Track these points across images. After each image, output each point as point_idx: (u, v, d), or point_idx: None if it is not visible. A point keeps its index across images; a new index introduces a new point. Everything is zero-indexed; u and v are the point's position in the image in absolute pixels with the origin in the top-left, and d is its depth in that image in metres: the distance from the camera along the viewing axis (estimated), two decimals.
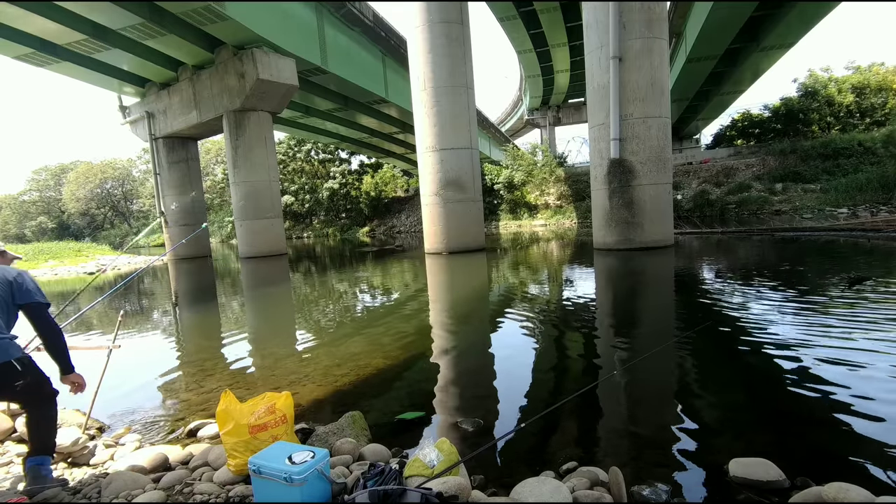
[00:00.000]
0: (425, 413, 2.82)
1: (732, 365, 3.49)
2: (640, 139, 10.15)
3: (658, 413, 2.75)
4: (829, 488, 1.67)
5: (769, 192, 23.01)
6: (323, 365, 3.97)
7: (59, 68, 16.29)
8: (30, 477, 2.10)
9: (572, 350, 4.08)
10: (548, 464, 2.16)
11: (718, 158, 28.53)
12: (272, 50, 15.58)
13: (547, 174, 29.12)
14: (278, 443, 1.99)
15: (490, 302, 6.74)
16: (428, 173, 13.02)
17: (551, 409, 2.53)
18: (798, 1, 18.21)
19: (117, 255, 21.98)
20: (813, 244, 10.28)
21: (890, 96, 29.29)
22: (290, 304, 8.00)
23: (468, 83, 12.93)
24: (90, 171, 51.08)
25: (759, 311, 4.80)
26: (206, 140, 29.49)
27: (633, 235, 10.37)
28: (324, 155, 41.11)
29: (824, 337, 3.76)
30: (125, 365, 4.31)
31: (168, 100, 18.19)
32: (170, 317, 7.32)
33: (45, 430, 2.22)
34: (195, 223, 19.48)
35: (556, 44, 29.47)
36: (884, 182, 19.20)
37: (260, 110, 16.65)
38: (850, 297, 5.02)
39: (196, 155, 20.64)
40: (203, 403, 3.26)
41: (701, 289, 6.54)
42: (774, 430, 2.41)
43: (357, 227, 36.94)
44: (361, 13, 18.54)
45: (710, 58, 22.98)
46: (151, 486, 2.07)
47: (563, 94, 43.12)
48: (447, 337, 4.85)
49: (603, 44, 10.17)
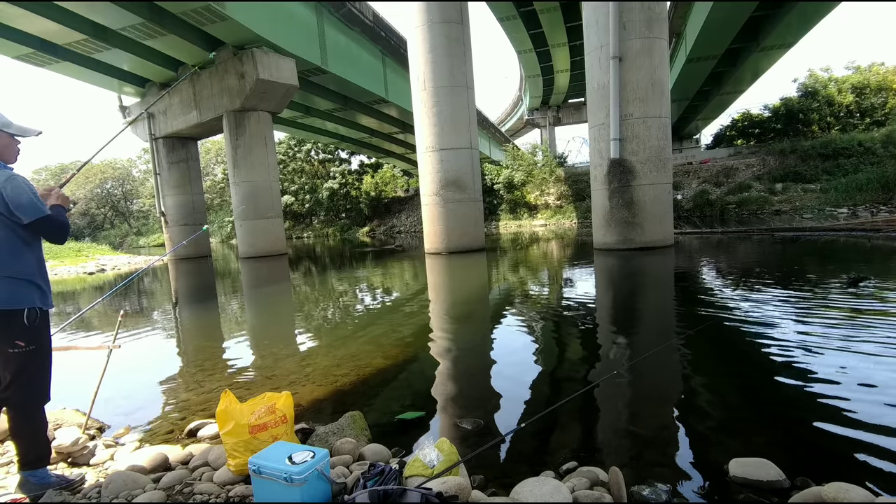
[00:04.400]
0: (425, 413, 2.82)
1: (732, 365, 3.49)
2: (640, 139, 10.15)
3: (658, 413, 2.75)
4: (829, 488, 1.67)
5: (769, 192, 23.01)
6: (323, 365, 3.97)
7: (59, 68, 16.29)
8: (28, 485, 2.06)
9: (572, 350, 4.08)
10: (548, 464, 2.16)
11: (718, 158, 28.54)
12: (272, 50, 15.58)
13: (547, 174, 29.13)
14: (278, 443, 1.98)
15: (490, 302, 6.74)
16: (428, 173, 13.02)
17: (551, 409, 2.53)
18: (798, 1, 18.22)
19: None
20: (813, 244, 10.27)
21: (890, 96, 29.29)
22: (291, 304, 8.00)
23: (468, 83, 12.92)
24: (90, 171, 50.98)
25: (760, 311, 4.80)
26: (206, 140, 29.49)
27: (633, 235, 10.36)
28: (324, 155, 41.13)
29: (824, 337, 3.76)
30: (125, 365, 4.31)
31: (168, 100, 18.18)
32: (170, 317, 7.32)
33: (32, 438, 2.05)
34: (195, 223, 19.48)
35: (556, 44, 29.49)
36: (884, 182, 19.19)
37: (260, 110, 16.65)
38: (851, 297, 5.02)
39: (196, 155, 20.64)
40: (203, 403, 3.25)
41: (701, 289, 6.54)
42: (774, 430, 2.41)
43: (357, 227, 36.95)
44: (361, 13, 18.54)
45: (710, 58, 23.00)
46: (151, 486, 2.07)
47: (563, 94, 43.15)
48: (447, 337, 4.85)
49: (603, 44, 10.17)
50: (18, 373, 1.97)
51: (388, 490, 1.65)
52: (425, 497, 1.61)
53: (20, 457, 2.08)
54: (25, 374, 1.99)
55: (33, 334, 1.99)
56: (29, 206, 1.94)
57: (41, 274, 2.06)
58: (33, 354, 1.99)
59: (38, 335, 2.01)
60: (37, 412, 2.08)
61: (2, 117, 2.05)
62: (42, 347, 2.04)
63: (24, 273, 1.99)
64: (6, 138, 2.06)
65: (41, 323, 2.02)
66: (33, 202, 1.95)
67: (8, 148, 2.07)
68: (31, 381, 2.01)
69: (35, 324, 1.98)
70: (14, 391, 1.99)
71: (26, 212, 1.93)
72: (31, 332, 1.98)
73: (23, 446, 2.07)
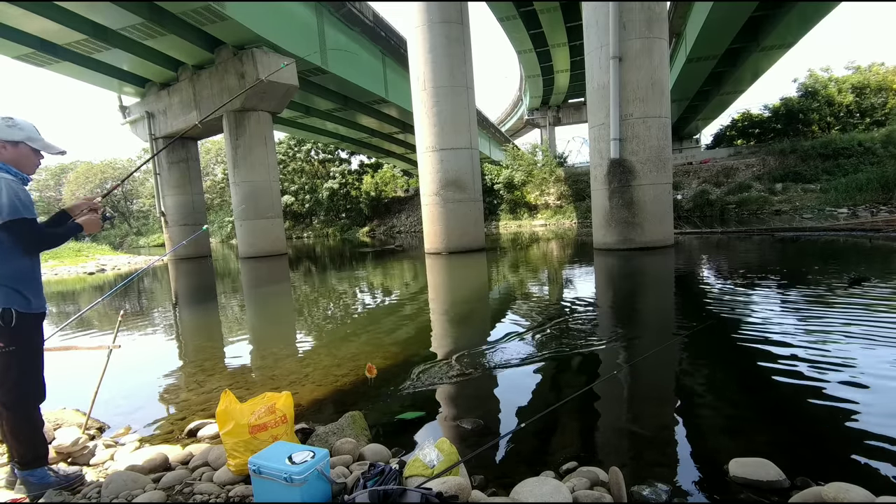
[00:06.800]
0: (425, 413, 2.82)
1: (732, 365, 3.49)
2: (640, 139, 10.15)
3: (658, 413, 2.75)
4: (829, 488, 1.67)
5: (769, 192, 23.01)
6: (323, 365, 3.97)
7: (59, 68, 16.29)
8: (28, 484, 2.06)
9: (572, 350, 4.08)
10: (548, 464, 2.16)
11: (718, 158, 28.53)
12: (272, 50, 15.58)
13: (547, 174, 29.13)
14: (278, 443, 1.98)
15: (490, 302, 6.74)
16: (428, 173, 13.02)
17: (551, 409, 2.52)
18: (798, 1, 18.22)
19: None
20: (813, 244, 10.27)
21: (890, 96, 29.30)
22: (291, 304, 8.00)
23: (468, 83, 12.93)
24: (90, 171, 51.02)
25: (760, 311, 4.80)
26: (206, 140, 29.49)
27: (633, 235, 10.36)
28: (324, 155, 41.13)
29: (824, 337, 3.76)
30: (125, 365, 4.31)
31: (168, 100, 18.19)
32: (170, 317, 7.32)
33: (28, 438, 2.05)
34: (195, 223, 19.48)
35: (556, 44, 29.49)
36: (884, 182, 19.19)
37: (260, 110, 16.66)
38: (851, 296, 5.02)
39: (196, 155, 20.65)
40: (203, 403, 3.25)
41: (701, 289, 6.54)
42: (774, 430, 2.41)
43: (357, 227, 36.95)
44: (361, 13, 18.54)
45: (710, 58, 23.00)
46: (151, 486, 2.07)
47: (563, 94, 43.16)
48: (447, 337, 4.84)
49: (603, 44, 10.17)
50: (4, 373, 1.99)
51: (388, 490, 1.65)
52: (425, 497, 1.61)
53: (18, 457, 2.08)
54: (10, 375, 1.99)
55: (12, 336, 1.97)
56: (7, 206, 1.90)
57: (22, 279, 2.01)
58: (12, 356, 1.98)
59: (18, 337, 1.99)
60: (30, 412, 2.08)
61: (31, 130, 2.08)
62: (24, 349, 2.02)
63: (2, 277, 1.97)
64: (28, 151, 2.08)
65: (23, 325, 2.00)
66: (13, 202, 1.92)
67: (28, 160, 2.10)
68: (18, 383, 2.01)
69: (13, 325, 1.96)
70: (3, 392, 2.01)
71: (1, 211, 1.91)
72: (8, 333, 1.97)
73: (19, 446, 2.07)
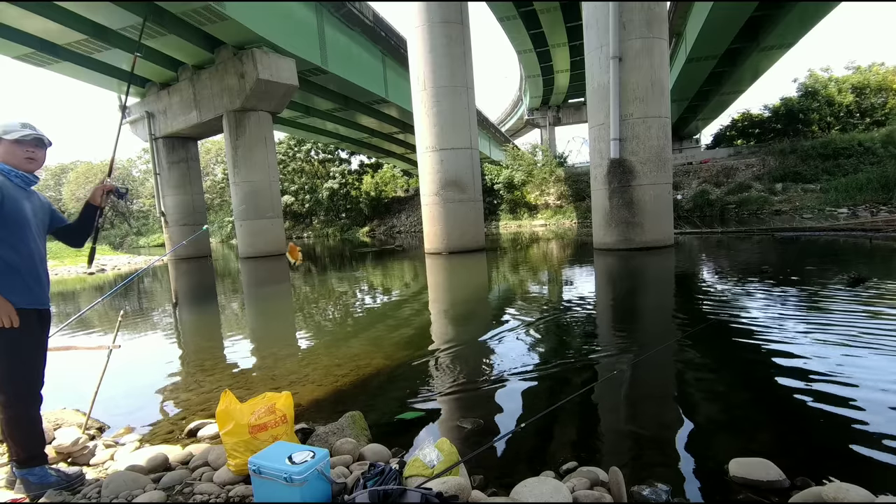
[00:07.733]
0: (425, 413, 2.82)
1: (732, 365, 3.49)
2: (640, 139, 10.15)
3: (658, 413, 2.75)
4: (829, 488, 1.67)
5: (769, 192, 23.01)
6: (323, 365, 3.96)
7: (59, 68, 16.28)
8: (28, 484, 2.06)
9: (572, 350, 4.08)
10: (548, 464, 2.16)
11: (718, 158, 28.53)
12: (272, 50, 15.58)
13: (547, 174, 29.13)
14: (278, 443, 1.98)
15: (490, 302, 6.74)
16: (428, 173, 13.02)
17: (551, 409, 2.52)
18: (798, 1, 18.22)
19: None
20: (813, 244, 10.27)
21: (890, 96, 29.31)
22: (290, 304, 8.00)
23: (468, 83, 12.92)
24: (90, 171, 51.04)
25: (760, 311, 4.80)
26: (206, 140, 29.49)
27: (633, 235, 10.37)
28: (324, 155, 41.13)
29: (824, 337, 3.76)
30: (125, 365, 4.31)
31: (168, 100, 18.18)
32: (170, 317, 7.32)
33: (25, 438, 2.06)
34: (195, 223, 19.48)
35: (556, 44, 29.50)
36: (884, 182, 19.21)
37: (260, 110, 16.65)
38: (851, 296, 5.02)
39: (196, 155, 20.64)
40: (203, 403, 3.25)
41: (701, 289, 6.55)
42: (774, 430, 2.42)
43: (357, 227, 36.96)
44: (361, 13, 18.55)
45: (710, 58, 23.01)
46: (151, 486, 2.07)
47: (563, 94, 43.15)
48: (447, 337, 4.84)
49: (603, 44, 10.17)
50: None
51: (388, 490, 1.65)
52: (425, 497, 1.61)
53: (15, 456, 2.09)
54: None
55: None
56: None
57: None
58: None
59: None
60: (26, 411, 2.07)
61: (5, 125, 2.05)
62: (5, 349, 1.99)
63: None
64: (9, 145, 2.04)
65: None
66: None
67: (13, 155, 2.06)
68: (7, 382, 2.01)
69: None
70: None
71: (62, 217, 2.12)
72: None
73: (16, 446, 2.08)
